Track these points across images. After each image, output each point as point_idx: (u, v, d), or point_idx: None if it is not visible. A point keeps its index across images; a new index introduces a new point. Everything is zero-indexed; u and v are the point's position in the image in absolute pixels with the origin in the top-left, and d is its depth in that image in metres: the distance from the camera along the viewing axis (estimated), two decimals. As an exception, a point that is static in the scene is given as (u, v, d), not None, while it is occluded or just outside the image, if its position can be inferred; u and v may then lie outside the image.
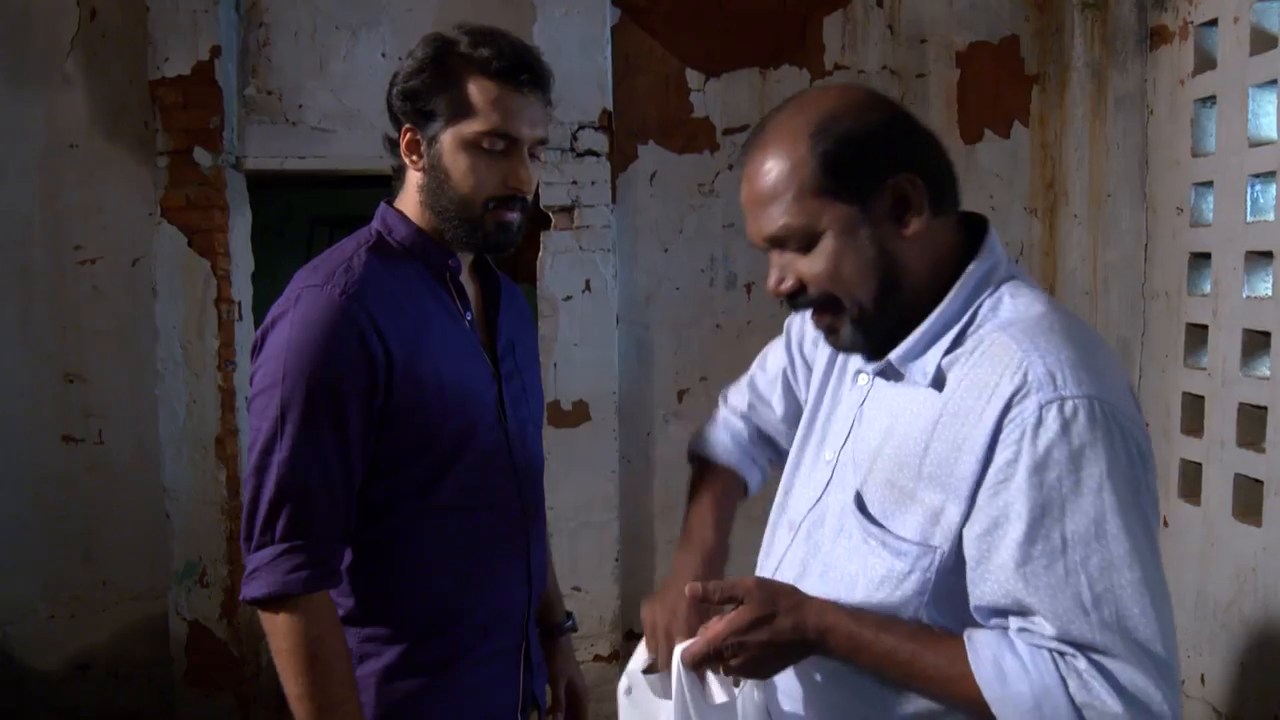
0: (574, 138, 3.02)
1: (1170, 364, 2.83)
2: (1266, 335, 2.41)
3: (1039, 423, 0.92)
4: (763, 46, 3.13)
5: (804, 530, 1.12)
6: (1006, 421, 0.94)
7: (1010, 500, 0.93)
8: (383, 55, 3.03)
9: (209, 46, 2.93)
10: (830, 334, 1.06)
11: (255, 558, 1.20)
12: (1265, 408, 2.39)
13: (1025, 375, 0.94)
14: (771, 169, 1.00)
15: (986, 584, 0.95)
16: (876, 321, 1.03)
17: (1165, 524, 2.84)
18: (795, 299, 1.04)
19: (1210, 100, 2.65)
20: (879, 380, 1.09)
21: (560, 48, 2.99)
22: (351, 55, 3.05)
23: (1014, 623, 0.95)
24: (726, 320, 3.16)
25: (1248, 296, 2.48)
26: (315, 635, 1.19)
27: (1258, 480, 2.42)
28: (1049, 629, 0.92)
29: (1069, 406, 0.92)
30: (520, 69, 1.26)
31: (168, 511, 3.03)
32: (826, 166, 0.98)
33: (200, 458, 3.01)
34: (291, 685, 1.19)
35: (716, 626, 1.01)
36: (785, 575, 1.11)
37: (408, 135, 1.29)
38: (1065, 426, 0.92)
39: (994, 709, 0.93)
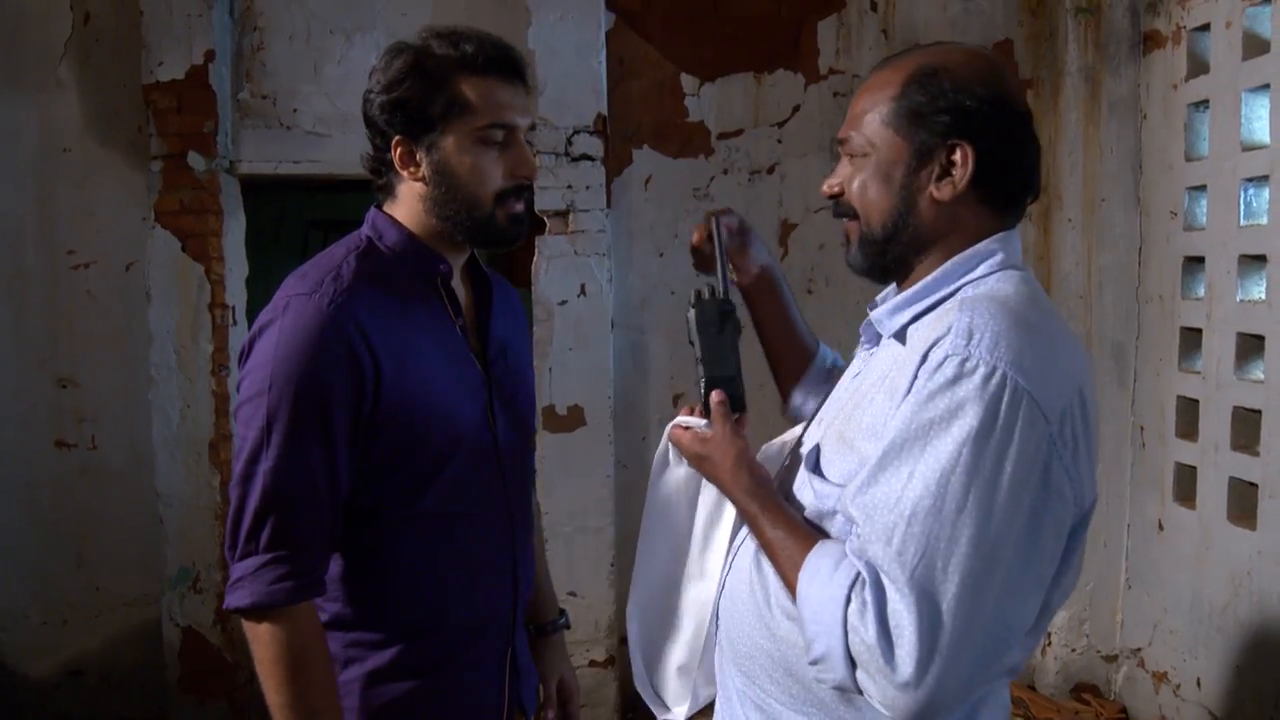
0: (569, 142, 3.02)
1: (1164, 367, 2.84)
2: (1260, 339, 2.41)
3: (937, 367, 0.97)
4: (757, 51, 3.13)
5: (790, 476, 1.20)
6: (922, 368, 0.99)
7: (889, 430, 0.99)
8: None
9: (203, 50, 2.93)
10: (846, 244, 1.17)
11: (239, 567, 1.19)
12: (1259, 411, 2.40)
13: (950, 328, 0.98)
14: (871, 89, 1.12)
15: (845, 495, 1.02)
16: (876, 250, 1.12)
17: (1160, 527, 2.84)
18: (836, 202, 1.16)
19: (1203, 104, 2.66)
20: (874, 352, 1.18)
21: (555, 52, 3.00)
22: (346, 59, 3.04)
23: (854, 532, 1.01)
24: (722, 324, 3.15)
25: (1241, 300, 2.49)
26: (298, 646, 1.18)
27: (1252, 483, 2.43)
28: (858, 542, 0.98)
29: (970, 364, 0.95)
30: (503, 60, 1.27)
31: (161, 517, 3.01)
32: (903, 105, 1.08)
33: (194, 463, 3.00)
34: (273, 695, 1.19)
35: (682, 435, 1.23)
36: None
37: (400, 148, 1.27)
38: (957, 379, 0.95)
39: (797, 603, 1.03)
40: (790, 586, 1.05)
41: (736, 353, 1.26)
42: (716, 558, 1.27)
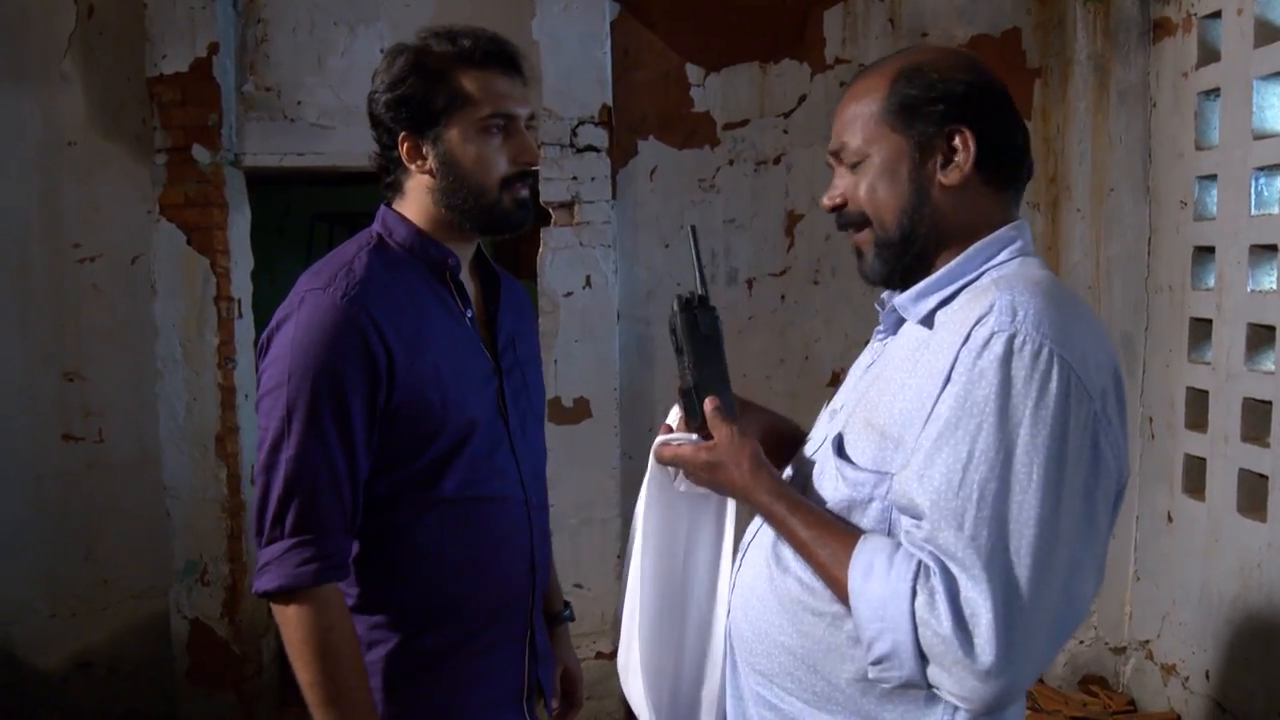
0: (574, 133, 3.01)
1: (1174, 359, 2.82)
2: (1271, 329, 2.40)
3: (985, 345, 0.96)
4: (763, 40, 3.11)
5: (805, 468, 1.19)
6: (964, 348, 0.98)
7: (940, 411, 0.98)
8: (381, 51, 3.00)
9: (207, 43, 2.92)
10: (860, 257, 1.15)
11: (266, 552, 1.24)
12: (1269, 402, 2.38)
13: (991, 307, 0.98)
14: (855, 95, 1.13)
15: (901, 482, 0.99)
16: (895, 251, 1.11)
17: (1170, 519, 2.83)
18: (839, 215, 1.15)
19: (1214, 93, 2.64)
20: (890, 340, 1.16)
21: (559, 43, 2.98)
22: (350, 51, 3.03)
23: (907, 522, 0.99)
24: (727, 316, 3.11)
25: (1252, 290, 2.47)
26: (325, 625, 1.23)
27: (1262, 475, 2.41)
28: (923, 530, 0.95)
29: (1018, 340, 0.95)
30: (500, 53, 1.32)
31: (168, 509, 3.02)
32: (894, 101, 1.09)
33: (200, 456, 3.00)
34: (303, 673, 1.23)
35: (681, 449, 1.17)
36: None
37: (406, 143, 1.32)
38: (1008, 356, 0.95)
39: (851, 601, 0.99)
40: (836, 585, 1.02)
41: (724, 357, 1.23)
42: (725, 566, 1.22)
